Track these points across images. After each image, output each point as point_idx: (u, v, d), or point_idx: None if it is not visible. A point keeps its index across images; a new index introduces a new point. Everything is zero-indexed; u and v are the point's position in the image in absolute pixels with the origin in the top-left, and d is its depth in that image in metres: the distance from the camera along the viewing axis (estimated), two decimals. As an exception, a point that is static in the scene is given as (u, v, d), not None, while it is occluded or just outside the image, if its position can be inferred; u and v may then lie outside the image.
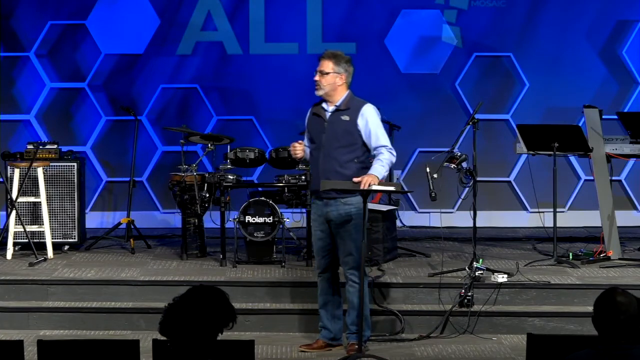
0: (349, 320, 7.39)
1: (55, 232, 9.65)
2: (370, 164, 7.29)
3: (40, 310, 8.20)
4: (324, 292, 7.47)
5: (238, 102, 11.36)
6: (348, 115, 7.29)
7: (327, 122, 7.32)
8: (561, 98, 11.22)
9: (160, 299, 7.82)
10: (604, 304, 4.29)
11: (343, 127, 7.28)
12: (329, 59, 7.31)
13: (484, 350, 7.57)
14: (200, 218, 9.44)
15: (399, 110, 11.00)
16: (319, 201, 7.33)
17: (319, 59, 7.40)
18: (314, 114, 7.42)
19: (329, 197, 7.25)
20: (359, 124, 7.27)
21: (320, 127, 7.34)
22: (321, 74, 7.29)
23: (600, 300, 4.32)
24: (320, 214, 7.33)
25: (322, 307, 7.49)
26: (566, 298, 8.21)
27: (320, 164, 7.30)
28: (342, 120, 7.29)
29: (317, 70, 7.32)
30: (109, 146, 11.36)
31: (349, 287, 7.34)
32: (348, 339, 7.42)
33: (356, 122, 7.28)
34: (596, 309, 4.32)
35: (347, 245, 7.26)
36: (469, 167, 8.43)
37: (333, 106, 7.34)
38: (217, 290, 4.37)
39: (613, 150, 9.23)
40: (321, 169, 7.28)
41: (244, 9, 11.30)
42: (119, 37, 11.28)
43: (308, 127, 7.48)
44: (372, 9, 11.30)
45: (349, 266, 7.28)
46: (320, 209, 7.32)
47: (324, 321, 7.50)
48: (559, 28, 11.32)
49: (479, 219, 8.58)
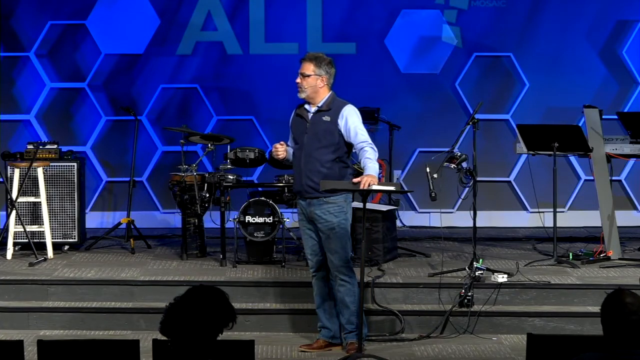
0: (344, 320, 7.42)
1: (55, 232, 9.65)
2: (350, 164, 7.43)
3: (40, 310, 8.19)
4: (320, 291, 7.49)
5: (238, 102, 11.36)
6: (329, 116, 7.38)
7: (309, 122, 7.40)
8: (561, 98, 11.22)
9: (160, 299, 7.83)
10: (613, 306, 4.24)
11: (324, 127, 7.36)
12: (309, 62, 7.39)
13: (484, 350, 7.57)
14: (200, 218, 9.44)
15: (399, 110, 11.01)
16: (302, 201, 7.40)
17: (300, 61, 7.48)
18: (297, 115, 7.53)
19: (312, 197, 7.32)
20: (339, 124, 7.34)
21: (302, 127, 7.43)
22: (302, 77, 7.38)
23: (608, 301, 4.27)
24: (305, 213, 7.39)
25: (320, 306, 7.51)
26: (566, 298, 8.21)
27: (302, 164, 7.38)
28: (323, 121, 7.38)
29: (299, 73, 7.40)
30: (109, 146, 11.36)
31: (339, 286, 7.37)
32: (345, 338, 7.43)
33: (336, 122, 7.35)
34: (604, 311, 4.27)
35: (331, 244, 7.31)
36: (469, 167, 8.43)
37: (315, 107, 7.43)
38: (217, 291, 4.37)
39: (613, 150, 9.23)
40: (303, 169, 7.36)
41: (244, 9, 11.30)
42: (119, 37, 11.28)
43: (292, 128, 7.58)
44: (372, 9, 11.30)
45: (336, 265, 7.33)
46: (304, 209, 7.39)
47: (322, 321, 7.52)
48: (559, 28, 11.33)
49: (479, 219, 8.58)
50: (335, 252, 7.32)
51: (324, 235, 7.33)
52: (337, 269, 7.33)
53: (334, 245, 7.31)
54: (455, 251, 9.67)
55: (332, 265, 7.36)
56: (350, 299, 7.34)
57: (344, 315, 7.40)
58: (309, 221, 7.38)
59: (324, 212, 7.30)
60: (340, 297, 7.38)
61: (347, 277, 7.33)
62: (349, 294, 7.34)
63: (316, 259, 7.43)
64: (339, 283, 7.36)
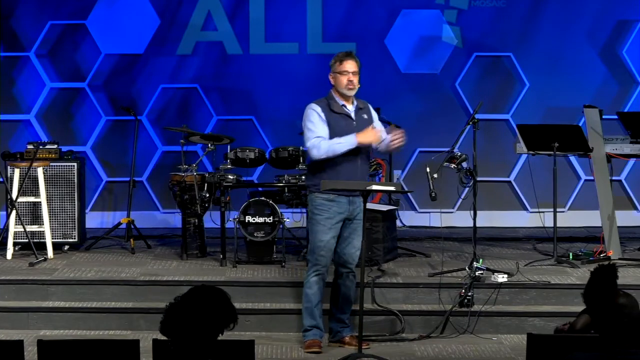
0: (344, 315, 7.56)
1: (55, 232, 9.65)
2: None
3: (40, 310, 8.19)
4: (320, 290, 7.49)
5: (238, 102, 11.36)
6: (366, 114, 7.54)
7: (355, 121, 7.46)
8: (561, 98, 11.23)
9: (160, 299, 7.82)
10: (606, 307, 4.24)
11: (367, 125, 7.47)
12: (355, 60, 7.48)
13: (484, 350, 7.57)
14: (200, 218, 9.44)
15: (399, 110, 11.00)
16: (343, 199, 7.36)
17: (341, 60, 7.42)
18: (334, 112, 7.42)
19: (354, 195, 7.37)
20: (375, 119, 7.58)
21: (349, 126, 7.41)
22: (354, 74, 7.42)
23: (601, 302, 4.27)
24: (341, 211, 7.37)
25: (316, 305, 7.50)
26: (566, 298, 8.21)
27: (359, 164, 7.40)
28: (365, 119, 7.50)
29: (349, 72, 7.38)
30: (109, 146, 11.36)
31: (348, 282, 7.51)
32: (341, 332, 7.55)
33: (372, 119, 7.56)
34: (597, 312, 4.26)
35: (359, 239, 7.37)
36: (469, 167, 8.44)
37: (352, 105, 7.48)
38: (218, 291, 4.37)
39: (613, 150, 9.23)
40: (360, 169, 7.41)
41: (244, 9, 11.30)
42: (119, 37, 11.28)
43: (330, 124, 7.38)
44: (372, 9, 11.30)
45: (356, 260, 7.46)
46: (343, 207, 7.37)
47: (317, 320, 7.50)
48: (559, 28, 11.33)
49: (479, 219, 8.59)
50: (359, 248, 7.41)
51: (356, 230, 7.40)
52: (355, 264, 7.48)
53: (360, 241, 7.38)
54: (455, 251, 9.67)
55: (352, 261, 7.47)
56: (355, 294, 7.53)
57: (345, 310, 7.57)
58: (340, 220, 7.38)
59: (361, 209, 7.33)
60: (348, 292, 7.53)
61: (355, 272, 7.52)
62: (354, 289, 7.54)
63: (330, 257, 7.46)
64: (350, 279, 7.53)
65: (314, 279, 7.46)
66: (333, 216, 7.37)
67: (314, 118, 7.37)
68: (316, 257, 7.43)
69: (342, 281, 7.50)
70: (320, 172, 7.37)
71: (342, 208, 7.36)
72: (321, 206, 7.38)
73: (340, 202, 7.36)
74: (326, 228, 7.37)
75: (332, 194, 7.34)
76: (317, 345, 7.44)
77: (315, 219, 7.40)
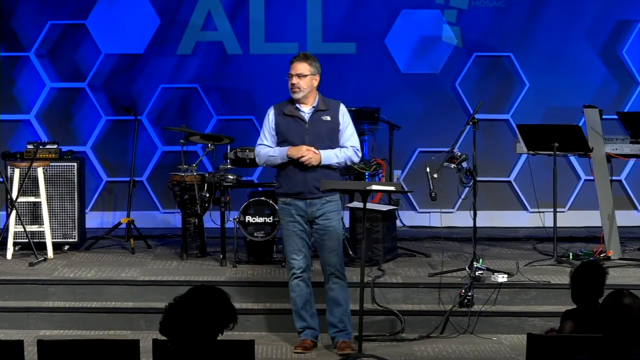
0: (334, 319, 7.41)
1: (55, 232, 9.65)
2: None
3: (40, 310, 8.20)
4: (303, 292, 7.45)
5: (238, 102, 11.36)
6: (329, 115, 7.40)
7: (308, 123, 7.37)
8: (561, 98, 11.22)
9: (160, 299, 7.82)
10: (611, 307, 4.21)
11: (325, 127, 7.37)
12: (303, 61, 7.38)
13: (484, 350, 7.57)
14: (200, 218, 9.44)
15: (399, 110, 11.00)
16: (299, 202, 7.34)
17: (291, 62, 7.42)
18: (285, 114, 7.43)
19: (314, 197, 7.32)
20: (341, 121, 7.40)
21: (299, 128, 7.38)
22: (299, 77, 7.35)
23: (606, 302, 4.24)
24: (302, 213, 7.35)
25: (302, 307, 7.47)
26: (566, 298, 8.13)
27: (309, 170, 7.31)
28: (324, 121, 7.39)
29: (294, 74, 7.35)
30: (109, 146, 11.36)
31: (333, 284, 7.40)
32: (335, 337, 7.43)
33: (338, 120, 7.40)
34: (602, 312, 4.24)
35: (331, 242, 7.34)
36: (469, 167, 8.44)
37: (310, 107, 7.41)
38: (218, 291, 4.37)
39: (613, 150, 9.23)
40: (308, 170, 7.30)
41: (244, 9, 11.30)
42: (119, 37, 11.27)
43: (278, 129, 7.44)
44: (372, 9, 11.30)
45: (333, 264, 7.37)
46: (301, 209, 7.34)
47: (307, 321, 7.48)
48: (559, 28, 11.32)
49: (479, 219, 8.58)
50: (333, 250, 7.35)
51: (324, 234, 7.34)
52: (334, 267, 7.37)
53: (333, 244, 7.35)
54: (455, 251, 9.67)
55: (329, 264, 7.38)
56: (344, 297, 7.39)
57: (335, 314, 7.41)
58: (305, 222, 7.36)
59: (326, 211, 7.32)
60: (333, 295, 7.40)
61: (342, 275, 7.41)
62: (342, 293, 7.40)
63: (304, 260, 7.41)
64: (334, 281, 7.40)
65: (293, 282, 7.45)
66: (293, 219, 7.38)
67: (265, 123, 7.53)
68: (289, 261, 7.47)
69: (327, 285, 7.46)
70: (277, 176, 7.50)
71: (299, 210, 7.35)
72: (282, 210, 7.46)
73: (297, 205, 7.36)
74: (290, 231, 7.39)
75: (289, 197, 7.38)
76: (302, 346, 7.43)
77: (282, 223, 7.51)
